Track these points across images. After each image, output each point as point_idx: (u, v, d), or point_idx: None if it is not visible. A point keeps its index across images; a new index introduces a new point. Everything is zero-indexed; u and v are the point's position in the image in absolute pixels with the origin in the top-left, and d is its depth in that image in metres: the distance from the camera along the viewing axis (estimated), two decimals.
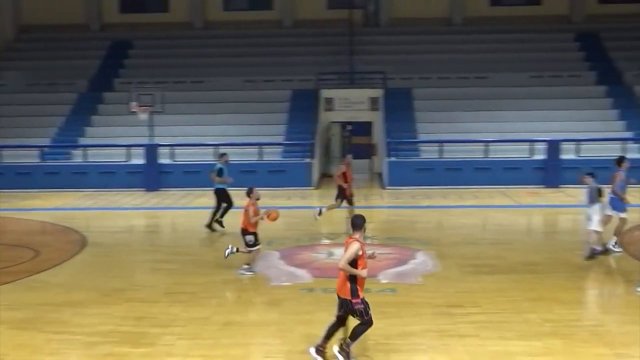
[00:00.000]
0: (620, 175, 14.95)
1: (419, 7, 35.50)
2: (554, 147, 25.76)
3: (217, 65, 33.36)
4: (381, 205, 23.03)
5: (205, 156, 26.08)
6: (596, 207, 14.23)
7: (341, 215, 18.11)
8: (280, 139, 28.06)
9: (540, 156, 25.87)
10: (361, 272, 8.70)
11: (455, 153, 26.57)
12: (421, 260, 14.58)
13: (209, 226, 17.82)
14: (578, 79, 31.27)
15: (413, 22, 35.09)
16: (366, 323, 8.72)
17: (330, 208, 18.10)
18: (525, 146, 26.30)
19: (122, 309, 11.26)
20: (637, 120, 28.19)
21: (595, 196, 14.18)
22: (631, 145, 26.44)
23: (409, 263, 14.36)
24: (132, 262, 15.08)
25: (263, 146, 26.88)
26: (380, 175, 28.92)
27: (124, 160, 26.88)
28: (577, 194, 16.77)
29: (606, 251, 14.55)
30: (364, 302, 8.72)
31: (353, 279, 8.72)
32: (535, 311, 11.01)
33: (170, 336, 10.00)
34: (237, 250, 13.43)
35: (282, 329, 10.34)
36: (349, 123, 32.06)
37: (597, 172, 14.70)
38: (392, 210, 22.02)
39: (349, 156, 19.02)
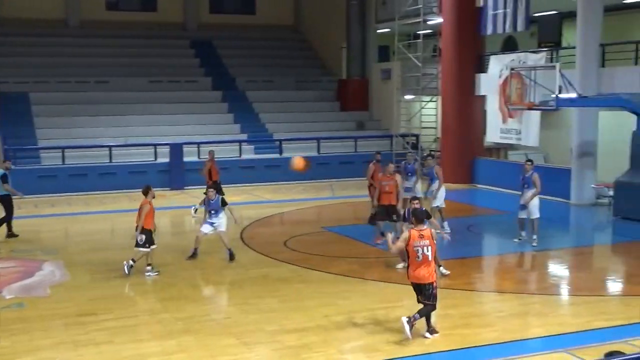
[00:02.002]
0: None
1: (31, 8, 33.69)
2: (176, 150, 26.55)
3: None
4: None
5: None
6: (223, 213, 15.15)
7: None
8: None
9: (164, 159, 26.48)
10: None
11: (79, 159, 25.97)
12: (49, 270, 14.16)
13: (10, 234, 17.51)
14: (195, 84, 32.52)
15: (26, 22, 33.30)
16: (434, 306, 10.12)
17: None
18: (150, 150, 26.71)
19: None
20: (250, 123, 30.35)
21: (219, 205, 15.08)
22: (246, 146, 28.37)
23: (36, 275, 13.87)
24: None
25: None
26: None
27: None
28: (200, 194, 17.56)
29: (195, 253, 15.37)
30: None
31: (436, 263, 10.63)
32: (168, 311, 11.41)
33: None
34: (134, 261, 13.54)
35: None
36: None
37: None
38: (14, 221, 20.86)
39: (212, 151, 21.48)
